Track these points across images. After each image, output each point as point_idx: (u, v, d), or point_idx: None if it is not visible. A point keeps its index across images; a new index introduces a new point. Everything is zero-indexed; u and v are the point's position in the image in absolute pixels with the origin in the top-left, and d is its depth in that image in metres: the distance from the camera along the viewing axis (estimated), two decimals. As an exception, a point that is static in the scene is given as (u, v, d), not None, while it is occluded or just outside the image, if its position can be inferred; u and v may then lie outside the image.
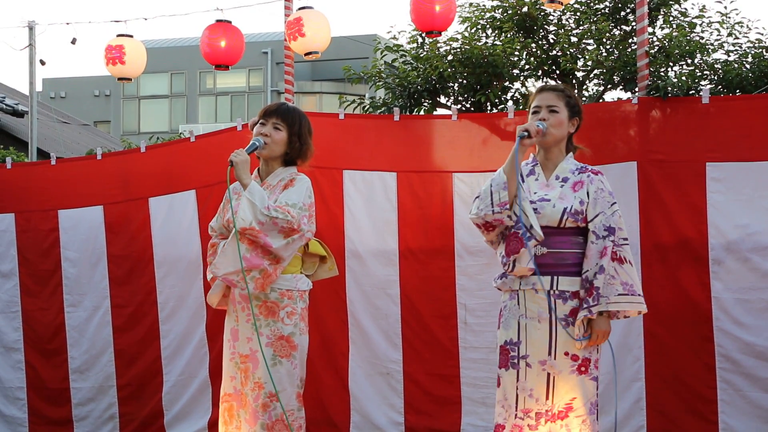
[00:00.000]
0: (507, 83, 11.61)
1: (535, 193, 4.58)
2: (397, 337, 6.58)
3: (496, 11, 12.00)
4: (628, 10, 11.77)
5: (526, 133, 4.47)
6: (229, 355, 4.88)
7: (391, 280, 6.57)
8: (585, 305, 4.43)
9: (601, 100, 11.77)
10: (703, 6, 12.02)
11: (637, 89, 6.47)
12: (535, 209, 4.51)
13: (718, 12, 11.83)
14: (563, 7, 10.46)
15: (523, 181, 4.54)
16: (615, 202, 4.56)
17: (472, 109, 11.36)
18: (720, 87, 10.77)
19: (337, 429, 6.64)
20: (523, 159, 4.63)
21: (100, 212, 7.38)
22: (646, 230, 6.07)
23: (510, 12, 11.85)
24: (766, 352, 5.80)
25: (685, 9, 12.10)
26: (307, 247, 4.96)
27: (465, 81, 11.32)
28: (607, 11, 11.90)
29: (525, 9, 11.74)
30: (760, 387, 5.83)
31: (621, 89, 12.04)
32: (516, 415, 4.50)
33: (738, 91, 10.44)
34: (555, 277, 4.48)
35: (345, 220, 6.64)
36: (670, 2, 11.86)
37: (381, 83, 11.71)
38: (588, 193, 4.53)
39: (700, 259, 5.95)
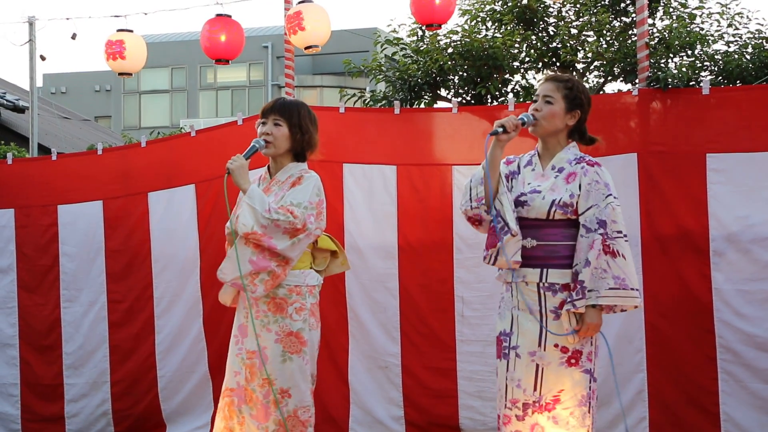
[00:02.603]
0: (507, 76, 11.59)
1: (528, 183, 4.57)
2: (396, 330, 6.58)
3: (496, 3, 12.00)
4: (628, 2, 11.76)
5: (501, 129, 4.45)
6: (235, 350, 4.85)
7: (390, 273, 6.57)
8: (569, 299, 4.40)
9: (601, 92, 11.77)
10: (703, -3, 12.01)
11: (637, 81, 6.46)
12: (525, 201, 4.50)
13: (718, 3, 11.84)
14: (563, -1, 10.47)
15: (519, 173, 4.56)
16: (610, 194, 4.47)
17: (473, 101, 11.36)
18: (720, 78, 10.76)
19: (336, 424, 6.63)
20: (505, 153, 4.58)
21: (100, 207, 7.36)
22: (646, 222, 6.07)
23: (510, 4, 11.84)
24: (767, 343, 5.80)
25: (685, 0, 12.08)
26: (316, 243, 4.94)
27: (465, 74, 11.31)
28: (607, 3, 11.89)
29: (525, 1, 11.74)
30: (760, 378, 5.82)
31: (621, 81, 12.05)
32: (505, 405, 4.51)
33: (738, 81, 10.44)
34: (545, 270, 4.46)
35: (344, 214, 6.63)
36: (670, -7, 11.86)
37: (381, 76, 11.71)
38: (580, 185, 4.48)
39: (701, 251, 5.94)
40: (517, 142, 4.80)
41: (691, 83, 8.46)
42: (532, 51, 11.98)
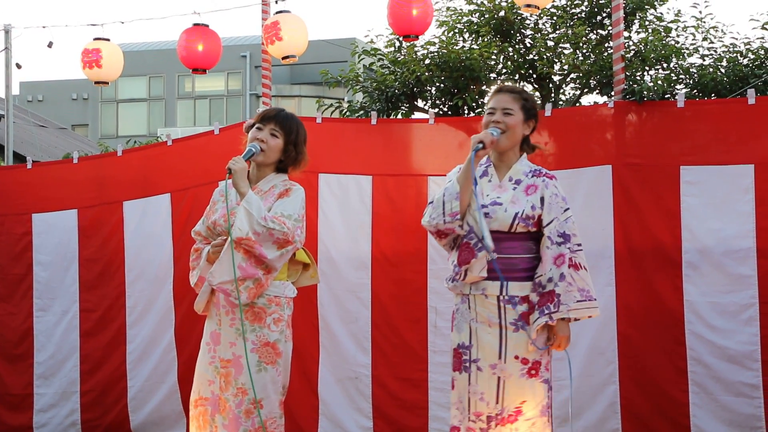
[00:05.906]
0: (484, 87, 11.60)
1: (487, 195, 4.56)
2: (367, 341, 6.57)
3: (473, 15, 12.01)
4: (604, 15, 11.81)
5: (481, 145, 4.43)
6: (208, 358, 4.79)
7: (363, 283, 6.57)
8: (546, 311, 4.39)
9: (577, 104, 11.82)
10: (679, 11, 12.05)
11: (613, 93, 6.50)
12: (486, 213, 4.48)
13: (693, 17, 11.86)
14: (540, 11, 10.51)
15: (476, 185, 4.51)
16: (568, 208, 4.52)
17: (450, 112, 11.36)
18: (695, 91, 10.81)
19: (305, 436, 6.61)
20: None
21: (74, 216, 7.34)
22: (620, 233, 6.09)
23: (487, 16, 11.86)
24: (737, 355, 5.83)
25: (661, 14, 12.13)
26: (294, 255, 4.92)
27: (442, 85, 11.32)
28: (583, 16, 11.92)
29: (502, 13, 11.75)
30: (730, 391, 5.85)
31: (597, 93, 12.08)
32: (469, 418, 4.49)
33: (713, 95, 10.49)
34: (505, 283, 4.46)
35: (319, 224, 6.62)
36: (646, 7, 11.91)
37: (359, 87, 11.70)
38: (542, 198, 4.50)
39: (674, 263, 5.98)
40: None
41: (666, 96, 8.49)
42: (509, 63, 12.00)
